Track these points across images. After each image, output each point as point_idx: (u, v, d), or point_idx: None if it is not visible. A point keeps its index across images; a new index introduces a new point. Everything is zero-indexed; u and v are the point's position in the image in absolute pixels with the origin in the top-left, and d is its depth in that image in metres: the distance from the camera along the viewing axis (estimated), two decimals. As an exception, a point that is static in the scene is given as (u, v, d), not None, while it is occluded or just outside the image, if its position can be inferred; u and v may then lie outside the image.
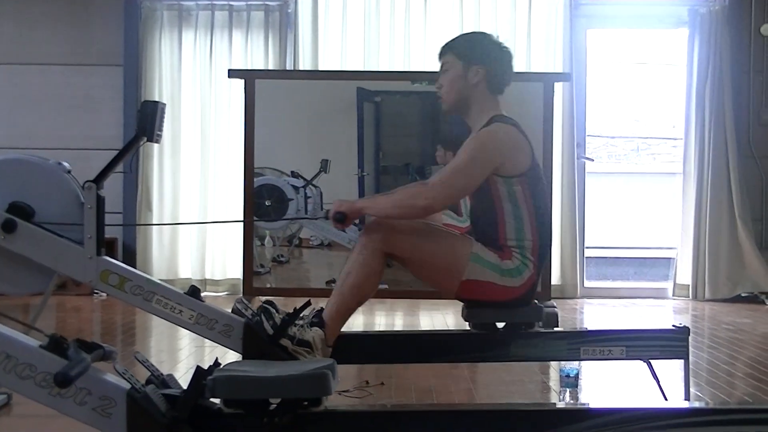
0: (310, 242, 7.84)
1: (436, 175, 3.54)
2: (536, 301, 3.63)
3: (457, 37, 3.82)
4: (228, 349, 3.66)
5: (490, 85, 3.64)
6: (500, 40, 3.73)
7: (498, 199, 3.51)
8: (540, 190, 3.59)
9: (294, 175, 7.49)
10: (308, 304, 3.53)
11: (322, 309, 3.49)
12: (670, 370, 4.03)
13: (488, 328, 3.64)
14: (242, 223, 6.93)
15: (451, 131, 7.42)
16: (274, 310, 3.48)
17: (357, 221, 3.58)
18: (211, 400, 2.46)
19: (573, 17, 8.38)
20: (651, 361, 3.63)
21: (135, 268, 4.12)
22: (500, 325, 3.65)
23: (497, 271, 3.48)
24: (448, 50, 3.70)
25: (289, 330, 3.39)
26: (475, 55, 3.64)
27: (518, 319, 3.60)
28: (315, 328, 3.41)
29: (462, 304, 3.65)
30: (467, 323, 3.67)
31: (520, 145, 3.55)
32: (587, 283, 8.41)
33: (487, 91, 3.64)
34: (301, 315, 3.47)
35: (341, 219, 3.48)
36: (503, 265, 3.49)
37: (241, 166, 7.45)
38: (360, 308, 3.60)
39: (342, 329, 3.54)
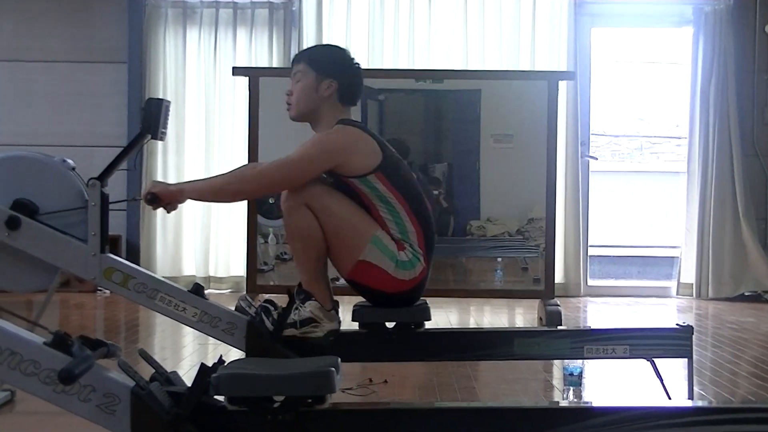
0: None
1: (268, 163, 3.54)
2: (424, 299, 3.62)
3: (313, 47, 3.95)
4: (231, 347, 3.66)
5: (341, 98, 3.65)
6: (352, 55, 3.73)
7: (366, 198, 3.50)
8: (404, 181, 3.56)
9: (298, 172, 7.48)
10: (299, 286, 3.53)
11: (300, 284, 3.51)
12: (674, 368, 4.04)
13: (377, 327, 3.62)
14: (246, 221, 6.92)
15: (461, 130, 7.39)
16: (273, 308, 3.49)
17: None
18: (215, 397, 2.46)
19: (577, 15, 8.38)
20: (654, 359, 3.62)
21: (138, 265, 4.12)
22: (390, 325, 3.63)
23: (393, 260, 3.46)
24: (301, 59, 3.69)
25: (288, 319, 3.41)
26: (328, 68, 3.63)
27: (407, 318, 3.59)
28: (308, 303, 3.43)
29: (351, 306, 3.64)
30: (356, 323, 3.64)
31: (362, 143, 3.54)
32: (591, 282, 8.41)
33: (338, 103, 3.65)
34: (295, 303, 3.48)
35: (153, 200, 3.49)
36: (399, 256, 3.47)
37: (244, 163, 7.45)
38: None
39: (359, 327, 3.57)
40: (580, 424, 2.51)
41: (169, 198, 3.51)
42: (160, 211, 8.28)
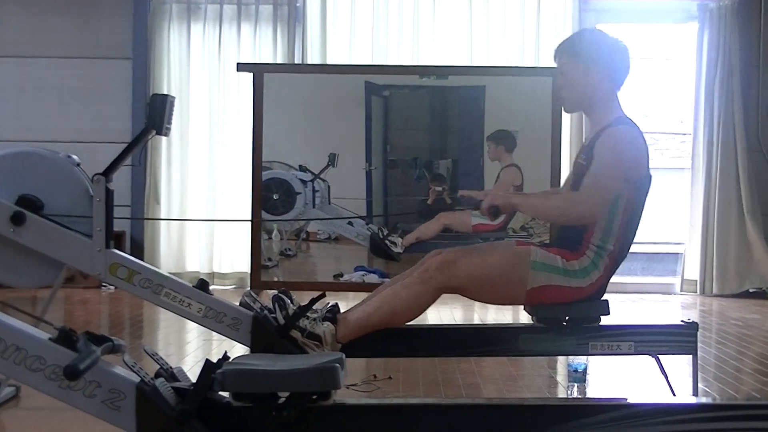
0: (318, 236, 7.84)
1: (584, 181, 3.45)
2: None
3: (571, 38, 3.73)
4: (236, 343, 3.67)
5: (610, 81, 3.56)
6: (615, 36, 3.63)
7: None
8: (642, 202, 3.52)
9: (302, 169, 7.48)
10: (322, 296, 3.50)
11: (336, 305, 3.48)
12: (678, 365, 4.03)
13: (553, 322, 3.59)
14: (250, 217, 6.94)
15: (490, 125, 7.36)
16: (289, 301, 3.47)
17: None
18: (220, 393, 2.46)
19: (582, 11, 8.38)
20: (659, 356, 3.62)
21: (143, 261, 4.12)
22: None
23: (560, 273, 3.42)
24: (563, 51, 3.60)
25: (300, 322, 3.39)
26: (593, 55, 3.55)
27: (582, 313, 3.56)
28: (327, 323, 3.40)
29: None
30: (531, 318, 3.64)
31: (645, 152, 3.50)
32: (595, 278, 8.39)
33: (608, 88, 3.57)
34: (313, 308, 3.45)
35: (496, 212, 3.46)
36: (568, 266, 3.43)
37: (248, 159, 7.45)
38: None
39: None
40: (585, 421, 2.51)
41: (508, 210, 3.49)
42: (164, 206, 8.28)
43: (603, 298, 3.55)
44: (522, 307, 3.59)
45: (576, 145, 8.24)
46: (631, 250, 3.56)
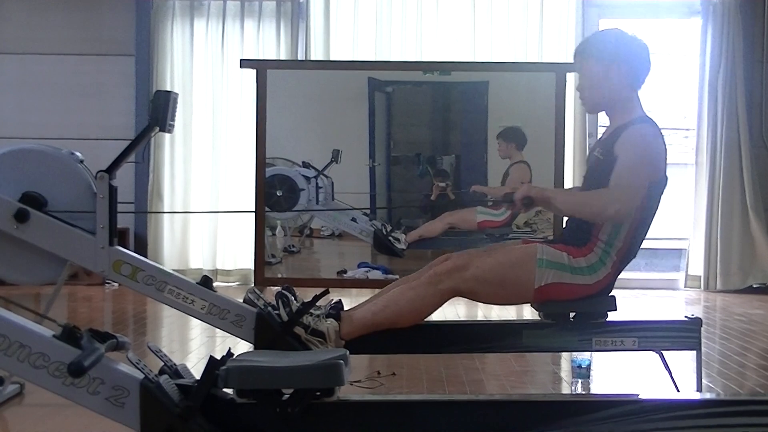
0: (321, 233, 7.84)
1: (614, 179, 3.44)
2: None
3: (591, 37, 3.74)
4: (240, 339, 3.67)
5: (631, 80, 3.56)
6: (634, 35, 3.62)
7: None
8: (657, 201, 3.52)
9: (305, 165, 7.49)
10: (326, 293, 3.50)
11: (340, 301, 3.48)
12: (682, 361, 4.03)
13: (560, 318, 3.59)
14: (255, 213, 6.94)
15: (501, 122, 7.35)
16: (293, 298, 3.47)
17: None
18: (224, 390, 2.46)
19: (585, 7, 8.37)
20: (663, 352, 3.62)
21: (146, 258, 4.12)
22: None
23: (567, 270, 3.42)
24: (584, 51, 3.60)
25: (303, 319, 3.39)
26: (613, 54, 3.54)
27: (588, 308, 3.56)
28: (330, 320, 3.40)
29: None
30: (538, 313, 3.64)
31: (665, 152, 3.50)
32: (599, 274, 8.38)
33: (629, 87, 3.56)
34: (317, 304, 3.45)
35: (529, 204, 3.46)
36: (574, 263, 3.43)
37: (252, 156, 7.46)
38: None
39: None
40: (589, 416, 2.51)
41: (541, 202, 3.48)
42: (167, 202, 8.28)
43: (610, 294, 3.55)
44: (528, 303, 3.58)
45: (580, 140, 8.23)
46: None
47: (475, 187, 3.38)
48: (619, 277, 3.53)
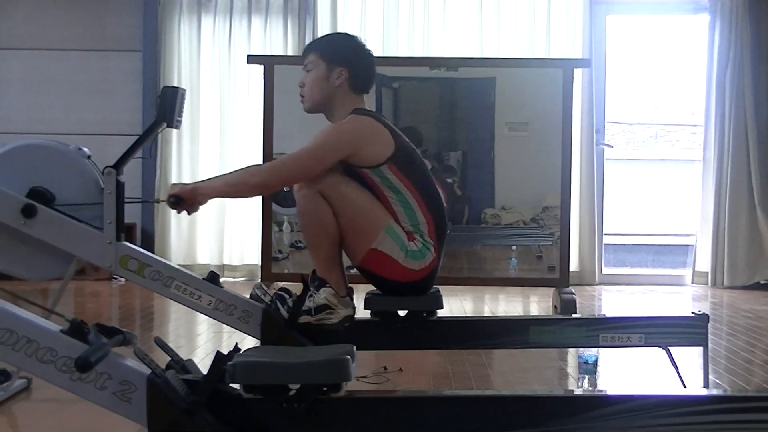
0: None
1: (277, 159, 3.57)
2: (437, 288, 3.63)
3: (323, 37, 3.90)
4: (246, 335, 3.67)
5: (352, 86, 3.63)
6: (363, 41, 3.72)
7: (378, 188, 3.50)
8: (418, 172, 3.56)
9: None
10: (310, 276, 3.54)
11: (314, 271, 3.51)
12: (689, 357, 4.03)
13: (388, 316, 3.62)
14: (261, 209, 6.93)
15: (508, 118, 7.35)
16: (288, 296, 3.50)
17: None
18: (231, 385, 2.46)
19: (593, 3, 8.36)
20: (670, 348, 3.62)
21: (153, 253, 4.13)
22: (402, 313, 3.64)
23: (404, 250, 3.47)
24: (311, 50, 3.68)
25: (303, 307, 3.42)
26: (338, 56, 3.62)
27: (419, 306, 3.59)
28: (322, 289, 3.43)
29: (363, 293, 3.64)
30: (368, 311, 3.64)
31: (376, 133, 3.53)
32: (606, 270, 8.39)
33: (350, 92, 3.63)
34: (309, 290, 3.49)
35: (177, 202, 3.47)
36: (409, 246, 3.48)
37: (259, 151, 7.45)
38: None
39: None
40: (595, 413, 2.51)
41: (190, 197, 3.47)
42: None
43: (437, 290, 3.62)
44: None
45: (587, 136, 8.23)
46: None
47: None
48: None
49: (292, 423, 2.45)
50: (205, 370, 2.46)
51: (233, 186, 3.53)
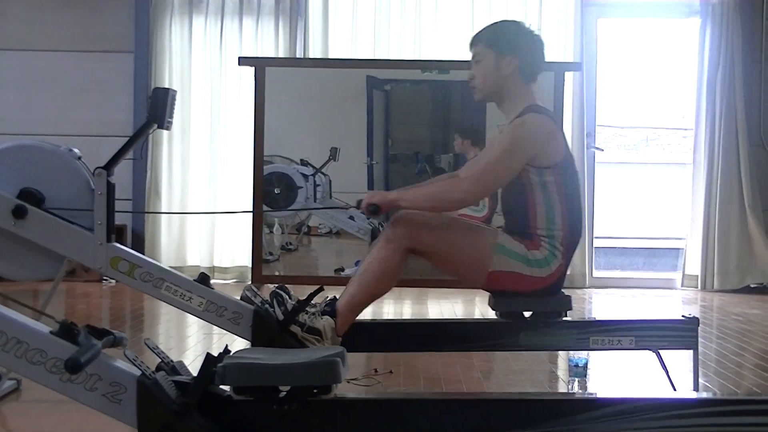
0: (319, 230, 7.85)
1: (468, 168, 3.52)
2: (563, 291, 3.62)
3: (487, 27, 3.76)
4: (237, 337, 3.67)
5: (523, 74, 3.59)
6: (532, 27, 3.69)
7: (530, 188, 3.48)
8: (572, 181, 3.56)
9: (303, 163, 7.49)
10: (321, 290, 3.52)
11: (335, 298, 3.49)
12: (679, 360, 4.03)
13: (515, 316, 3.62)
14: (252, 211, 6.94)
15: (467, 120, 7.41)
16: (287, 296, 3.48)
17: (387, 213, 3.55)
18: (221, 387, 2.46)
19: (584, 6, 8.37)
20: (660, 351, 3.62)
21: (144, 254, 4.12)
22: (527, 314, 3.64)
23: (524, 261, 3.47)
24: (478, 41, 3.65)
25: (299, 317, 3.40)
26: (506, 45, 3.59)
27: (546, 308, 3.59)
28: (326, 317, 3.41)
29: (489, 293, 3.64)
30: (494, 312, 3.66)
31: (554, 136, 3.51)
32: (596, 273, 8.40)
33: (521, 80, 3.59)
34: (312, 302, 3.47)
35: (375, 211, 3.45)
36: (530, 255, 3.47)
37: (250, 153, 7.46)
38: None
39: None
40: (585, 416, 2.51)
41: (388, 207, 3.47)
42: (165, 200, 8.29)
43: (565, 292, 3.61)
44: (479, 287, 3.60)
45: (578, 139, 8.24)
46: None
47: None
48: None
49: (282, 425, 2.45)
50: (195, 372, 2.46)
51: (433, 201, 3.46)
